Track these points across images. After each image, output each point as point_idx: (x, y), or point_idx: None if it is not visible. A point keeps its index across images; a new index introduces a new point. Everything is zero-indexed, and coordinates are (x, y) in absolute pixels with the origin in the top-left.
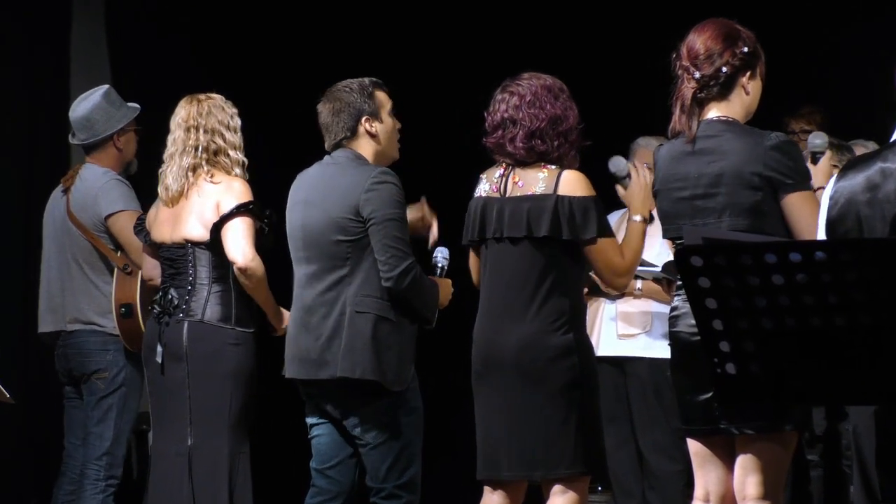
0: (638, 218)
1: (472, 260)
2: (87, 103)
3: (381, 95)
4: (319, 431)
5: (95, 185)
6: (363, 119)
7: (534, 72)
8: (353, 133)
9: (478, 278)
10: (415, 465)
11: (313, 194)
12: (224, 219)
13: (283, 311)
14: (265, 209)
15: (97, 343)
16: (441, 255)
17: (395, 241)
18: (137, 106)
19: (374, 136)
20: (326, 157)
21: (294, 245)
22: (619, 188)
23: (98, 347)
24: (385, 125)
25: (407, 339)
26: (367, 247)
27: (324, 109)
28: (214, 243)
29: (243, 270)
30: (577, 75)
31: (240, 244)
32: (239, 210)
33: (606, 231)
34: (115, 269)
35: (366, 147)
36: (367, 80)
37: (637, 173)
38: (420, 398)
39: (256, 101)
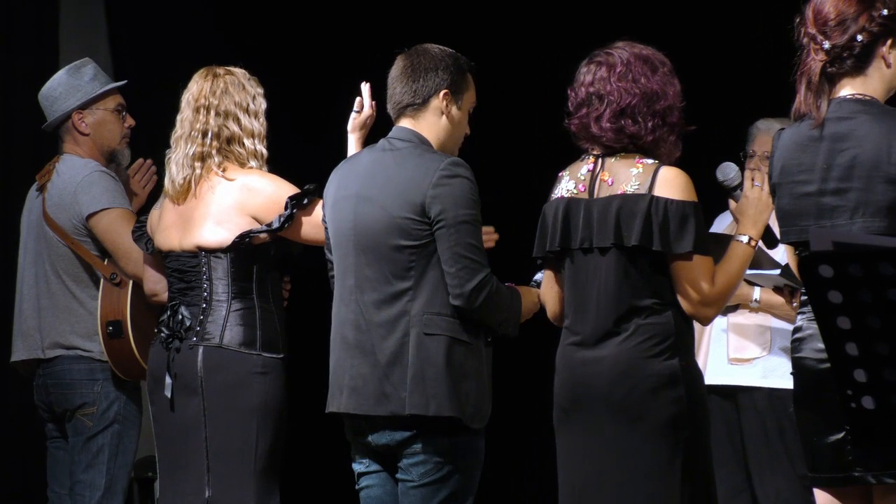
0: (744, 238)
1: (547, 284)
2: (51, 79)
3: (472, 82)
4: (370, 482)
5: (74, 179)
6: (443, 92)
7: (630, 41)
8: (425, 103)
9: (555, 308)
10: None
11: (367, 187)
12: (284, 224)
13: None
14: (305, 188)
15: (82, 372)
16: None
17: (469, 248)
18: (119, 82)
19: (445, 117)
20: (382, 141)
21: (341, 250)
22: (732, 201)
23: (84, 377)
24: (461, 115)
25: (485, 363)
26: (435, 253)
27: (402, 63)
28: (235, 251)
29: None
30: (681, 48)
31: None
32: (296, 208)
33: (703, 248)
34: (102, 280)
35: (430, 128)
36: (461, 56)
37: (751, 183)
38: (484, 440)
39: (285, 71)
